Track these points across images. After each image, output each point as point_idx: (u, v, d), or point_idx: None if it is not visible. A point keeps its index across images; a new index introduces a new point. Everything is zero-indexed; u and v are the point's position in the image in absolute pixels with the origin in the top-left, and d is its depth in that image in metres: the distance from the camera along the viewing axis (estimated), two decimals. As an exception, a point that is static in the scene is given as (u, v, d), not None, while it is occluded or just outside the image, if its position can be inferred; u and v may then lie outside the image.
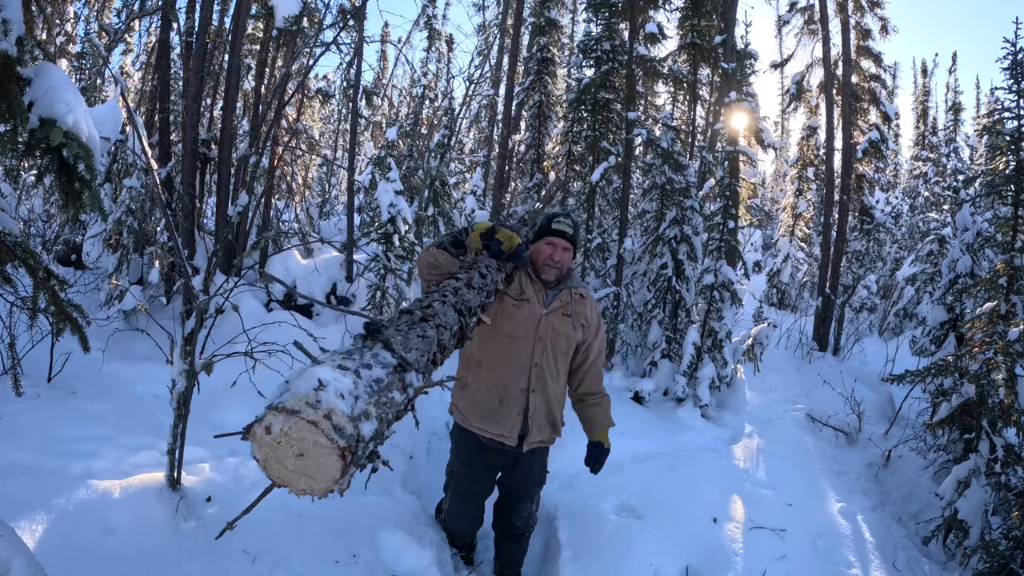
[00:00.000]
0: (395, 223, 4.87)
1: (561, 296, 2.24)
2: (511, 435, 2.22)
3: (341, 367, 0.76)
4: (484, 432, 2.25)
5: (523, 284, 2.23)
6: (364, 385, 0.77)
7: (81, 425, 2.99)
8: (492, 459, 2.33)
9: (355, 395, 0.73)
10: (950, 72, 19.26)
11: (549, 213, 2.31)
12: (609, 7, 5.70)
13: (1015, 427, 3.08)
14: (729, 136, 5.09)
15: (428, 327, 1.16)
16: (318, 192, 11.71)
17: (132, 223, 4.85)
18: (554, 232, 2.21)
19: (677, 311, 5.03)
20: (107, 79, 7.50)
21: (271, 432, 0.66)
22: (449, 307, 1.36)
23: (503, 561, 2.62)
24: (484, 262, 1.91)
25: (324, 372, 0.72)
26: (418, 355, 1.03)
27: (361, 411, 0.73)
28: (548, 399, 2.25)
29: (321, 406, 0.67)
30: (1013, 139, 3.35)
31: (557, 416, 2.33)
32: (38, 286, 2.00)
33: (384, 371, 0.85)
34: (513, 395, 2.20)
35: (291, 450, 0.67)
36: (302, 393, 0.67)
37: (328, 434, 0.66)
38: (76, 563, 1.96)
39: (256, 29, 6.43)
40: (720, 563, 2.72)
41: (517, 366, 2.18)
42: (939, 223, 8.67)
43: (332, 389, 0.70)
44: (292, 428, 0.65)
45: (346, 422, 0.68)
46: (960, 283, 5.08)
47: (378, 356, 0.87)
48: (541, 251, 2.22)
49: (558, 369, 2.25)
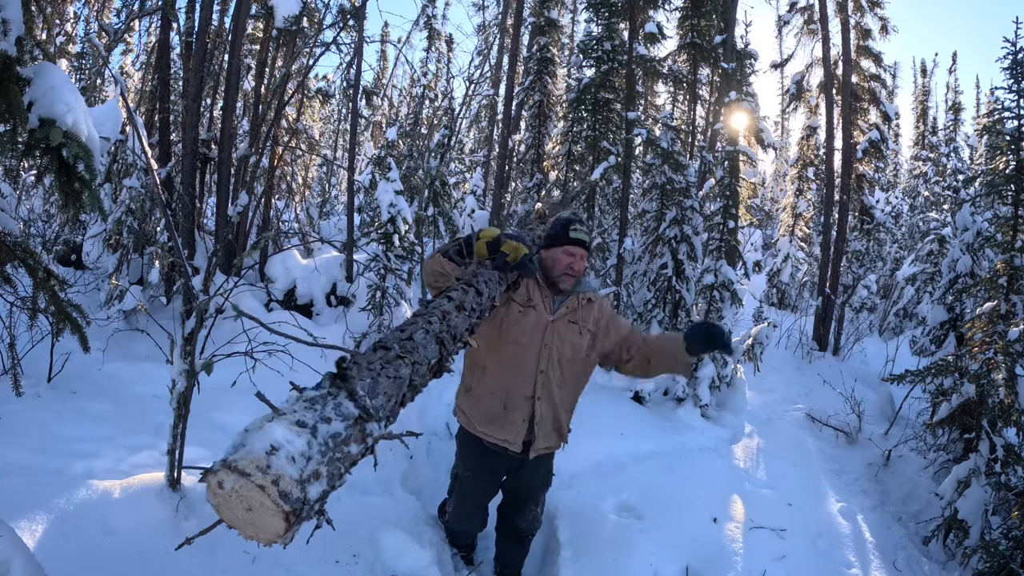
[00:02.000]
0: (395, 223, 4.87)
1: (568, 303, 2.20)
2: (516, 441, 2.19)
3: (299, 423, 0.80)
4: (488, 437, 2.23)
5: (530, 290, 2.18)
6: (319, 444, 0.81)
7: (81, 425, 2.99)
8: (496, 463, 2.31)
9: (307, 456, 0.77)
10: (950, 72, 19.29)
11: (563, 218, 2.21)
12: (609, 7, 5.70)
13: (1015, 427, 3.08)
14: (729, 136, 5.09)
15: (402, 365, 1.14)
16: (318, 192, 11.71)
17: (132, 223, 4.85)
18: (572, 241, 2.14)
19: (677, 311, 5.03)
20: (107, 79, 7.50)
21: (223, 487, 0.72)
22: (432, 338, 1.31)
23: (504, 562, 2.62)
24: (485, 276, 1.85)
25: (279, 432, 0.76)
26: (385, 400, 1.03)
27: (311, 472, 0.77)
28: (554, 406, 2.22)
29: (271, 471, 0.72)
30: (1013, 139, 3.35)
31: (564, 423, 2.29)
32: (38, 286, 2.00)
33: (343, 424, 0.88)
34: (518, 402, 2.17)
35: (241, 504, 0.73)
36: (254, 455, 0.72)
37: (274, 499, 0.71)
38: (76, 563, 1.96)
39: (256, 29, 6.43)
40: (720, 563, 2.72)
41: (522, 373, 2.15)
42: (939, 223, 8.67)
43: (284, 453, 0.74)
44: (242, 487, 0.72)
45: (293, 487, 0.73)
46: (960, 283, 5.08)
47: (340, 407, 0.90)
48: (559, 260, 2.15)
49: (564, 376, 2.21)
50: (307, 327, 3.35)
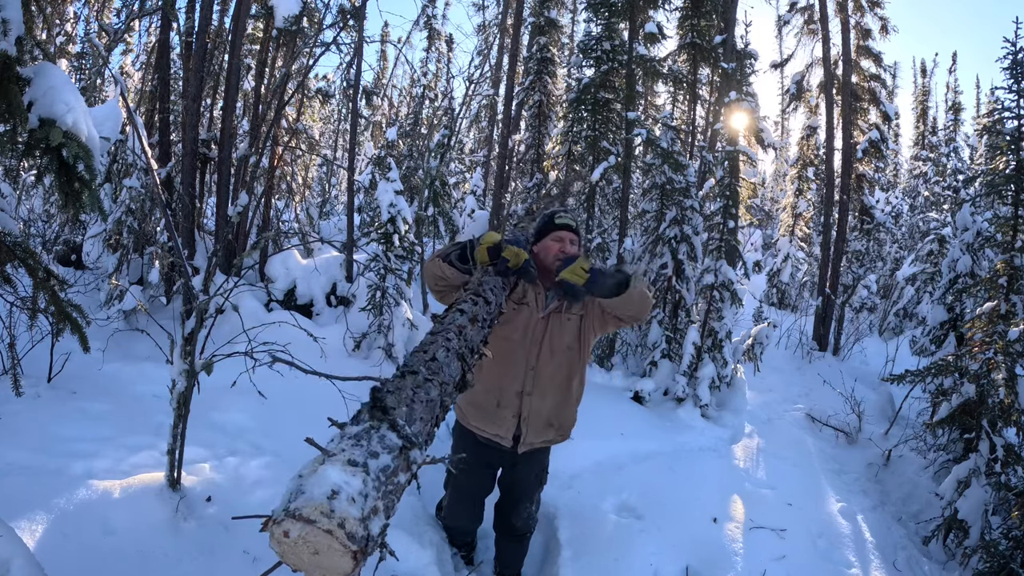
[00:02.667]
0: (395, 223, 4.87)
1: (560, 296, 2.22)
2: (506, 436, 2.22)
3: (351, 462, 0.83)
4: (481, 432, 2.26)
5: (525, 287, 2.20)
6: (372, 480, 0.83)
7: (81, 425, 2.99)
8: (489, 457, 2.33)
9: (365, 494, 0.80)
10: (950, 72, 19.28)
11: (547, 211, 2.28)
12: (609, 7, 5.70)
13: (1015, 427, 3.08)
14: (729, 136, 5.09)
15: (432, 387, 1.16)
16: (318, 192, 11.71)
17: (132, 223, 4.85)
18: (559, 227, 2.19)
19: (677, 311, 5.03)
20: (107, 79, 7.49)
21: (289, 536, 0.74)
22: (453, 356, 1.33)
23: (503, 561, 2.62)
24: (490, 283, 1.85)
25: (335, 475, 0.79)
26: (422, 425, 1.05)
27: (371, 509, 0.80)
28: (546, 402, 2.22)
29: (335, 515, 0.74)
30: (1013, 139, 3.35)
31: (564, 417, 2.28)
32: (38, 286, 2.00)
33: (390, 456, 0.90)
34: (509, 398, 2.19)
35: (307, 549, 0.75)
36: (317, 501, 0.75)
37: (342, 541, 0.74)
38: (76, 563, 1.96)
39: (256, 29, 6.42)
40: (720, 563, 2.72)
41: (513, 370, 2.17)
42: (939, 223, 8.67)
43: (344, 495, 0.77)
44: (309, 534, 0.74)
45: (358, 527, 0.76)
46: (960, 283, 5.08)
47: (384, 439, 0.92)
48: (549, 248, 2.18)
49: (557, 370, 2.21)
50: (307, 327, 3.35)
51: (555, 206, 6.44)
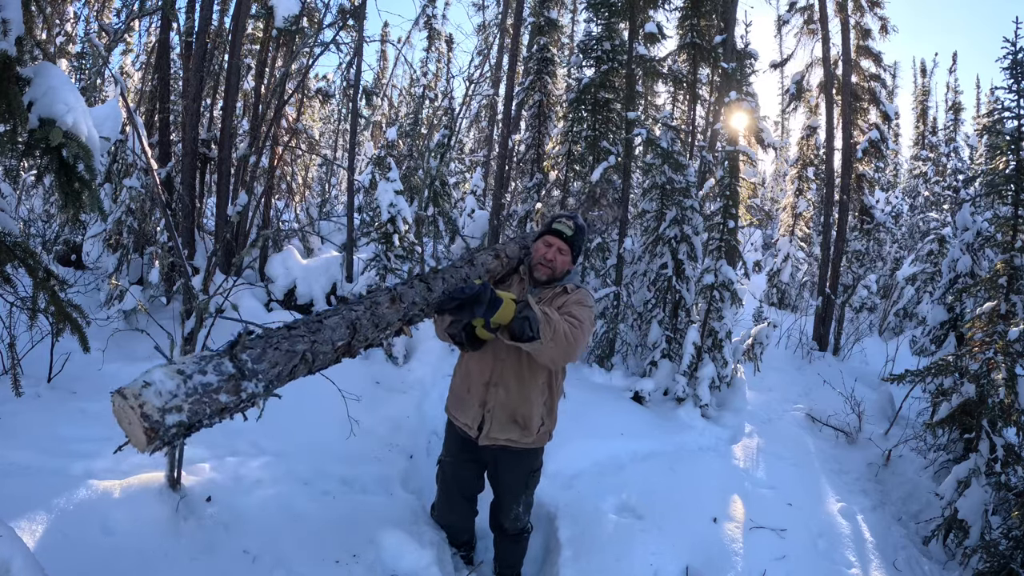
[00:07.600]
0: (395, 223, 4.87)
1: (542, 293, 2.24)
2: (472, 425, 2.29)
3: (179, 371, 1.07)
4: (456, 419, 2.36)
5: (513, 282, 2.30)
6: (187, 387, 1.06)
7: (81, 425, 2.99)
8: (468, 447, 2.38)
9: (174, 394, 1.04)
10: (950, 72, 19.26)
11: (555, 214, 2.34)
12: (609, 7, 5.70)
13: (1015, 427, 3.08)
14: (729, 136, 5.09)
15: (300, 342, 1.30)
16: (318, 192, 11.70)
17: (132, 223, 4.85)
18: (552, 232, 2.26)
19: (677, 311, 5.02)
20: (107, 79, 7.50)
21: (115, 404, 1.03)
22: (344, 323, 1.44)
23: (502, 561, 2.63)
24: (448, 274, 1.83)
25: (158, 375, 1.04)
26: (270, 366, 1.21)
27: (173, 406, 1.03)
28: (511, 396, 2.21)
29: (139, 398, 1.00)
30: (1013, 139, 3.35)
31: (528, 416, 2.24)
32: (38, 286, 2.00)
33: (217, 378, 1.11)
34: (477, 387, 2.26)
35: (125, 417, 1.03)
36: (134, 387, 1.01)
37: (139, 418, 1.00)
38: (76, 563, 1.96)
39: (256, 29, 6.43)
40: (720, 563, 2.72)
41: (484, 360, 2.23)
42: (939, 223, 8.68)
43: (153, 389, 1.02)
44: (122, 407, 1.02)
45: (154, 412, 1.01)
46: (960, 283, 5.09)
47: (221, 366, 1.13)
48: (537, 250, 2.27)
49: (523, 365, 2.18)
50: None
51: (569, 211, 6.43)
